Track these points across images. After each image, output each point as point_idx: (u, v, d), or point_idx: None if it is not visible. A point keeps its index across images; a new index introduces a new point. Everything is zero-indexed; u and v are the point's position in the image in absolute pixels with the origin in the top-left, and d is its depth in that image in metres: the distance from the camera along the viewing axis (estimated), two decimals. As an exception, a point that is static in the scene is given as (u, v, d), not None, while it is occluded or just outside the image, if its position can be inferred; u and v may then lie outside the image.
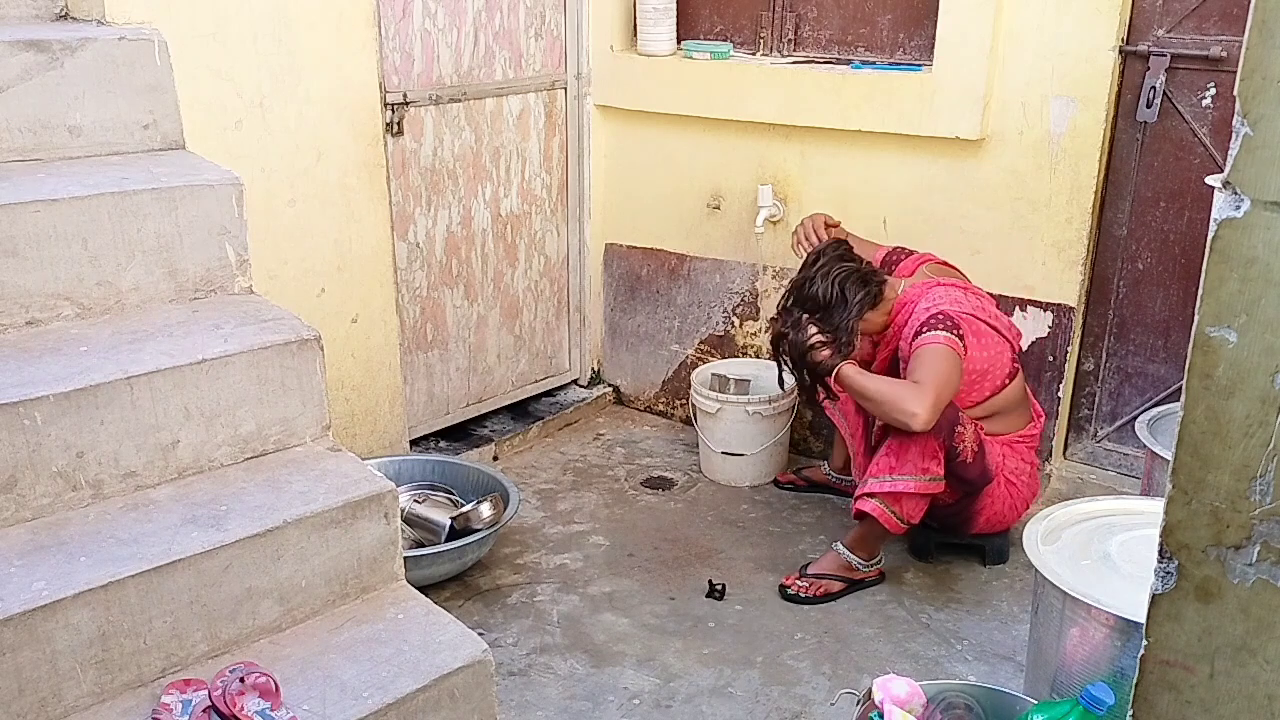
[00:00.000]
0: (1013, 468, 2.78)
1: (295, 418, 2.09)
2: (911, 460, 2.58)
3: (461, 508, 2.88)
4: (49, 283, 2.00)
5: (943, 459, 2.60)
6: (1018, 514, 2.84)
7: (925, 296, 2.70)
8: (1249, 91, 1.05)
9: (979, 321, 2.71)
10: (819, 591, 2.78)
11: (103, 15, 2.36)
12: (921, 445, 2.57)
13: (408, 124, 3.13)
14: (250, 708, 1.68)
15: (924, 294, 2.72)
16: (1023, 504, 2.83)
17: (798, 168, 3.40)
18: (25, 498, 1.79)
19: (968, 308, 2.70)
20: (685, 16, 3.57)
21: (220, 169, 2.24)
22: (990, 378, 2.72)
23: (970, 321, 2.67)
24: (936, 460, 2.60)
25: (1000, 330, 2.77)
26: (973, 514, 2.78)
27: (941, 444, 2.59)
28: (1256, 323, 1.09)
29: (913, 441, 2.57)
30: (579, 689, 2.45)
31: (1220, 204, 1.09)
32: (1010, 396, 2.78)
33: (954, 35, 3.00)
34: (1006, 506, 2.79)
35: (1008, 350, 2.77)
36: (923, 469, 2.58)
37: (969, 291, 2.81)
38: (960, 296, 2.73)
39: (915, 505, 2.65)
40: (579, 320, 3.89)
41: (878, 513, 2.64)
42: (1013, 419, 2.81)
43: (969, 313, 2.68)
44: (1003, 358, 2.74)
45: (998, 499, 2.77)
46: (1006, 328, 2.81)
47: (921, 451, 2.58)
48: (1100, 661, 1.95)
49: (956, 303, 2.68)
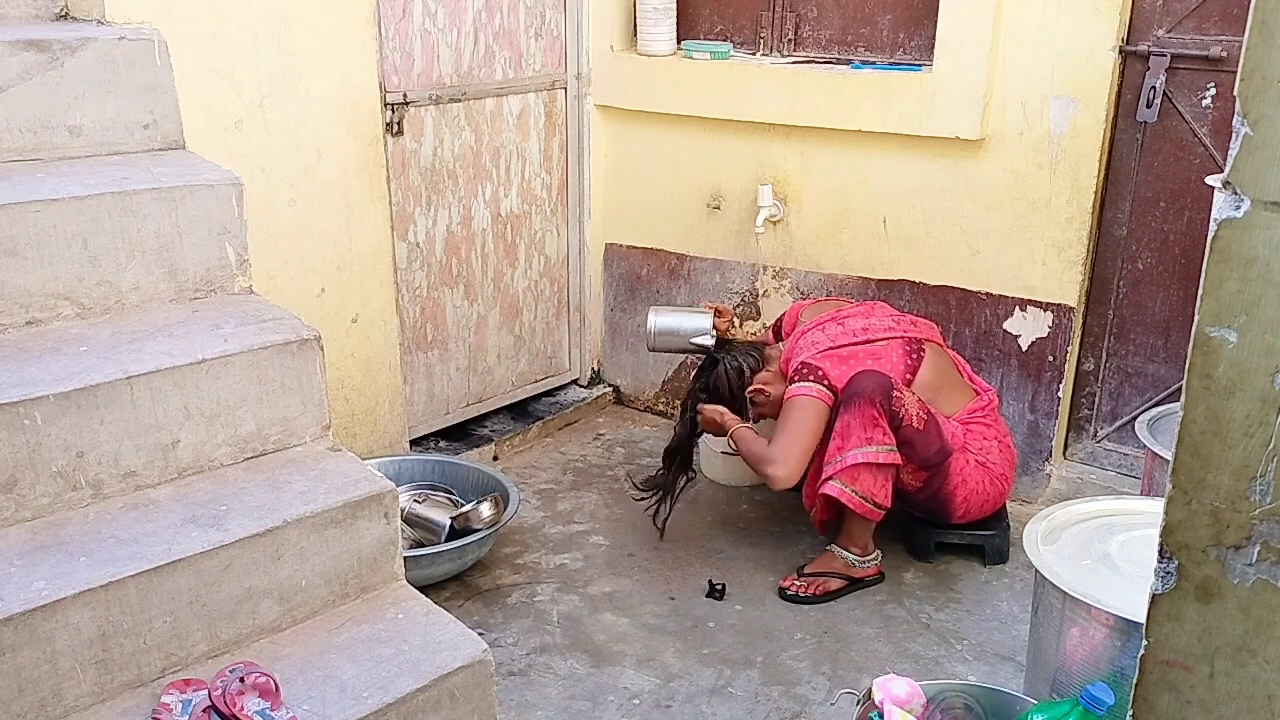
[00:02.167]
0: (978, 446, 2.80)
1: (295, 418, 2.09)
2: (855, 434, 2.66)
3: (461, 508, 2.88)
4: (49, 282, 2.00)
5: (887, 426, 2.65)
6: (1002, 490, 2.86)
7: (794, 351, 2.89)
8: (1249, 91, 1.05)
9: (841, 349, 2.82)
10: (818, 590, 2.79)
11: (103, 15, 2.36)
12: (860, 416, 2.65)
13: (408, 124, 3.13)
14: (250, 708, 1.68)
15: (793, 348, 2.91)
16: (1003, 479, 2.85)
17: (798, 168, 3.40)
18: (25, 498, 1.79)
19: (824, 344, 2.84)
20: (685, 16, 3.57)
21: (220, 169, 2.24)
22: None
23: (830, 355, 2.81)
24: (880, 429, 2.64)
25: (878, 338, 2.84)
26: (947, 495, 2.78)
27: (880, 410, 2.64)
28: (1256, 323, 1.09)
29: (851, 416, 2.66)
30: (579, 689, 2.45)
31: (1220, 204, 1.09)
32: (928, 383, 2.82)
33: (954, 35, 3.00)
34: (986, 484, 2.80)
35: (897, 347, 2.82)
36: (867, 439, 2.65)
37: (832, 322, 2.92)
38: (818, 337, 2.87)
39: (874, 480, 2.67)
40: (579, 320, 3.89)
41: (840, 495, 2.69)
42: (948, 399, 2.84)
43: (827, 348, 2.82)
44: (887, 360, 2.79)
45: (970, 478, 2.77)
46: (889, 329, 2.87)
47: (862, 423, 2.65)
48: (1100, 661, 1.95)
49: (814, 345, 2.85)
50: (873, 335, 2.85)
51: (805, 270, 3.47)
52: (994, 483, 2.82)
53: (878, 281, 3.33)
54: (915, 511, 2.88)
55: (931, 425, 2.69)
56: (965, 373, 2.98)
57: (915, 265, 3.28)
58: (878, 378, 2.67)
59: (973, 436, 2.81)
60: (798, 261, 3.49)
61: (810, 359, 2.80)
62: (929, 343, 2.89)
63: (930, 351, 2.86)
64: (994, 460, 2.82)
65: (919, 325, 2.94)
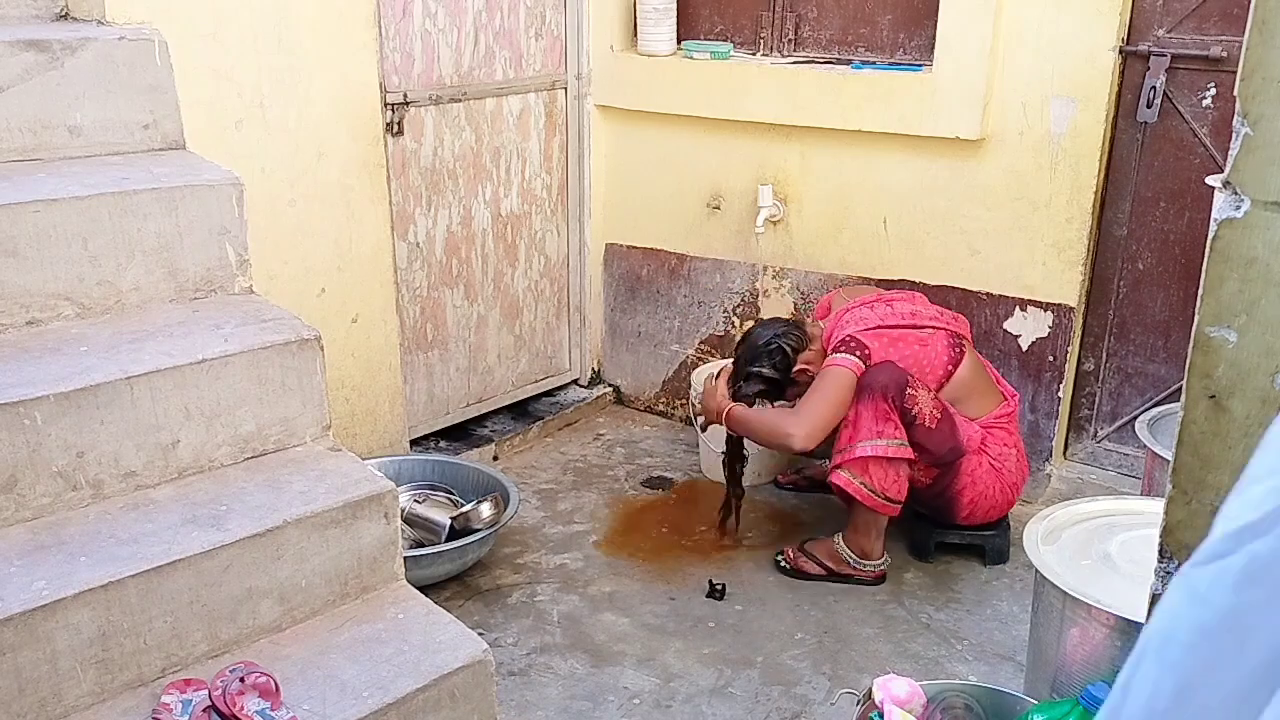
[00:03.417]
0: (996, 452, 2.79)
1: (295, 418, 2.09)
2: (865, 425, 2.65)
3: (461, 508, 2.88)
4: (49, 283, 2.00)
5: (899, 421, 2.64)
6: (1009, 499, 2.85)
7: (838, 326, 2.86)
8: (1249, 91, 1.05)
9: (889, 329, 2.79)
10: (794, 564, 2.87)
11: (103, 15, 2.36)
12: (871, 409, 2.64)
13: (408, 124, 3.13)
14: (250, 708, 1.68)
15: (837, 323, 2.88)
16: (1013, 489, 2.84)
17: (798, 168, 3.40)
18: (25, 497, 1.79)
19: (873, 321, 2.81)
20: (685, 16, 3.57)
21: (220, 169, 2.24)
22: (930, 372, 2.75)
23: (877, 334, 2.77)
24: (891, 423, 2.64)
25: (925, 325, 2.82)
26: (954, 494, 2.77)
27: (891, 404, 2.63)
28: (1256, 323, 1.09)
29: (863, 407, 2.65)
30: (579, 689, 2.45)
31: (1220, 204, 1.09)
32: (964, 381, 2.80)
33: (954, 35, 3.00)
34: (996, 490, 2.80)
35: (942, 339, 2.80)
36: (878, 432, 2.64)
37: (879, 302, 2.90)
38: (866, 314, 2.84)
39: (885, 474, 2.67)
40: (579, 320, 3.89)
41: (848, 485, 2.69)
42: (978, 402, 2.82)
43: (875, 326, 2.79)
44: (934, 349, 2.77)
45: (980, 481, 2.77)
46: (934, 318, 2.86)
47: (873, 415, 2.64)
48: (1100, 661, 1.95)
49: (861, 320, 2.82)
50: (920, 322, 2.83)
51: (805, 270, 3.47)
52: (1004, 491, 2.81)
53: (878, 281, 3.33)
54: (919, 507, 2.88)
55: (945, 425, 2.68)
56: (994, 375, 2.95)
57: (915, 265, 3.28)
58: (895, 372, 2.66)
59: (993, 440, 2.79)
60: (798, 261, 3.49)
61: (857, 333, 2.75)
62: (967, 340, 2.88)
63: (968, 350, 2.85)
64: (1009, 469, 2.81)
65: (959, 321, 2.93)
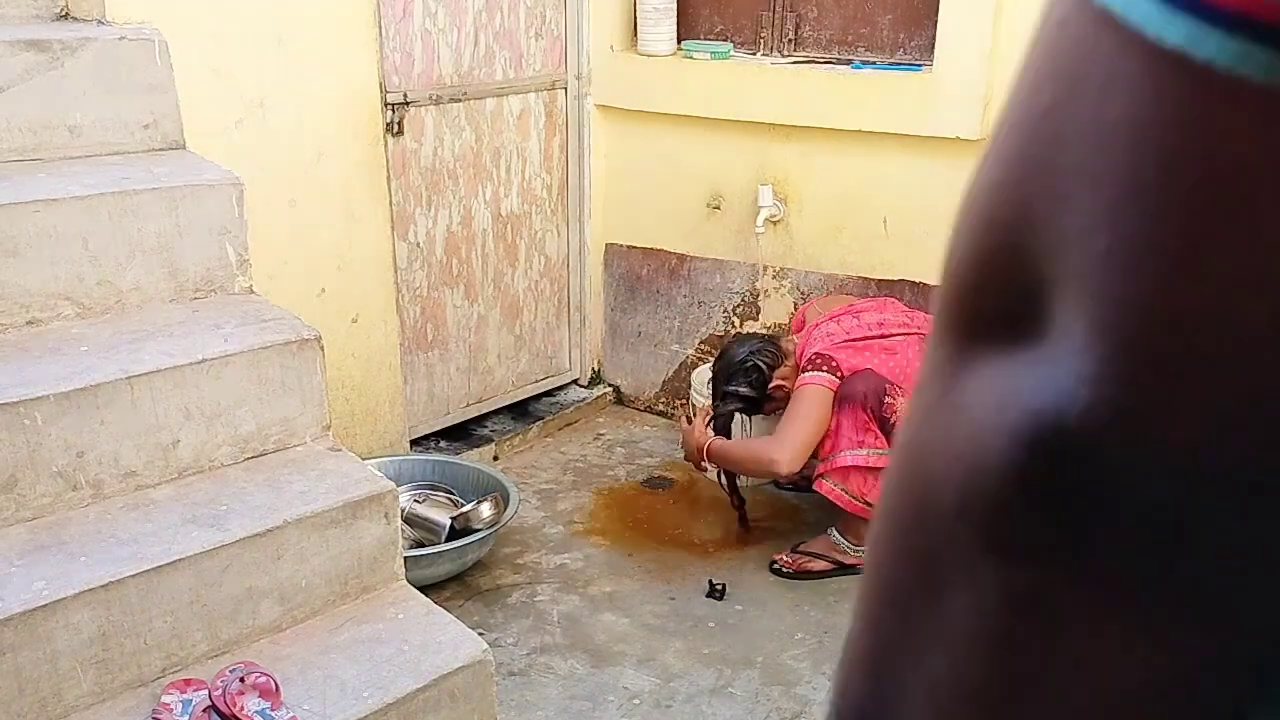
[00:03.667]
0: None
1: (295, 418, 2.09)
2: (845, 435, 2.68)
3: (461, 508, 2.87)
4: (49, 282, 2.00)
5: (878, 430, 2.66)
6: None
7: (808, 343, 2.88)
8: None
9: (856, 341, 2.80)
10: (798, 567, 2.85)
11: (103, 15, 2.36)
12: (851, 419, 2.67)
13: (408, 124, 3.13)
14: (250, 708, 1.68)
15: (806, 340, 2.90)
16: None
17: (798, 168, 3.40)
18: (25, 497, 1.79)
19: (840, 336, 2.83)
20: (685, 16, 3.57)
21: (220, 169, 2.24)
22: (904, 378, 2.76)
23: (845, 346, 2.79)
24: (871, 433, 2.66)
25: (893, 333, 2.82)
26: None
27: (870, 414, 2.66)
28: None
29: (843, 417, 2.68)
30: (579, 689, 2.45)
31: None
32: None
33: (954, 35, 3.00)
34: None
35: (914, 344, 2.81)
36: (859, 441, 2.67)
37: (847, 314, 2.91)
38: (833, 328, 2.86)
39: (865, 481, 2.69)
40: (579, 320, 3.89)
41: (831, 493, 2.72)
42: None
43: (842, 340, 2.81)
44: (904, 356, 2.77)
45: None
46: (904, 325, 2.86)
47: (853, 424, 2.67)
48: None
49: (828, 336, 2.84)
50: (888, 330, 2.85)
51: (805, 270, 3.47)
52: None
53: (878, 281, 3.33)
54: None
55: None
56: None
57: (916, 265, 3.28)
58: (873, 380, 2.68)
59: None
60: (798, 262, 3.49)
61: (824, 349, 2.79)
62: None
63: None
64: None
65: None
